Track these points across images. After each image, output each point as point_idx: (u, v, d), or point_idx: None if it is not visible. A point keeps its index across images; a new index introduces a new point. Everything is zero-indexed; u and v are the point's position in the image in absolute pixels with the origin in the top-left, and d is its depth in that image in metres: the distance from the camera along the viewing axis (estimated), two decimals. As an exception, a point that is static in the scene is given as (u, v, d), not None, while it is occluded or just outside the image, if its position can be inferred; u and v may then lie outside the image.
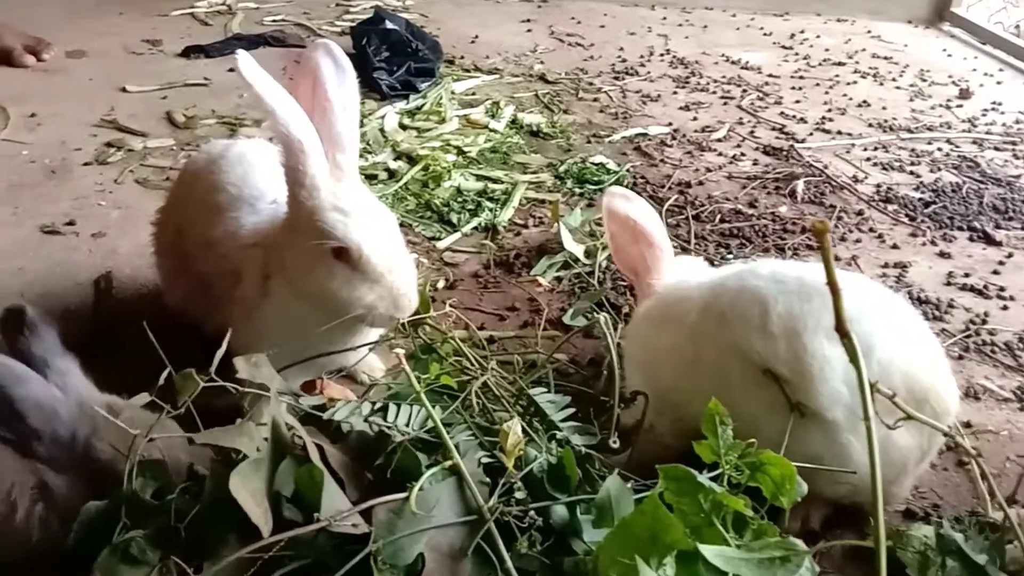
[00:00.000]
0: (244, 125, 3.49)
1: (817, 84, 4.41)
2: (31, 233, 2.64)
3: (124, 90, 3.81)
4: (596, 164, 3.28)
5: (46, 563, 1.32)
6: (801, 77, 4.51)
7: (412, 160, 3.22)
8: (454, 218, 2.84)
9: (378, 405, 1.42)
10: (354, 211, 1.67)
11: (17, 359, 1.42)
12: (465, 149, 3.35)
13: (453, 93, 3.95)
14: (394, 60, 3.96)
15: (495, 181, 3.13)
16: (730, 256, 2.64)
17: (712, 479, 1.24)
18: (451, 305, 2.01)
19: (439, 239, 2.73)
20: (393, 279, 1.68)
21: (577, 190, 3.11)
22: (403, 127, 3.57)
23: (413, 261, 1.82)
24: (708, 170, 3.33)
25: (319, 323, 1.70)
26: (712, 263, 2.35)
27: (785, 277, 1.58)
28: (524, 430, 1.38)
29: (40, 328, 1.48)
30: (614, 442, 1.49)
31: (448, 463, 1.28)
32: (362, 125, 3.43)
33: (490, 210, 2.91)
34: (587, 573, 1.21)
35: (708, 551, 0.97)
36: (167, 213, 2.12)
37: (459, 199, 2.96)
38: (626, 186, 3.11)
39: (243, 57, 1.60)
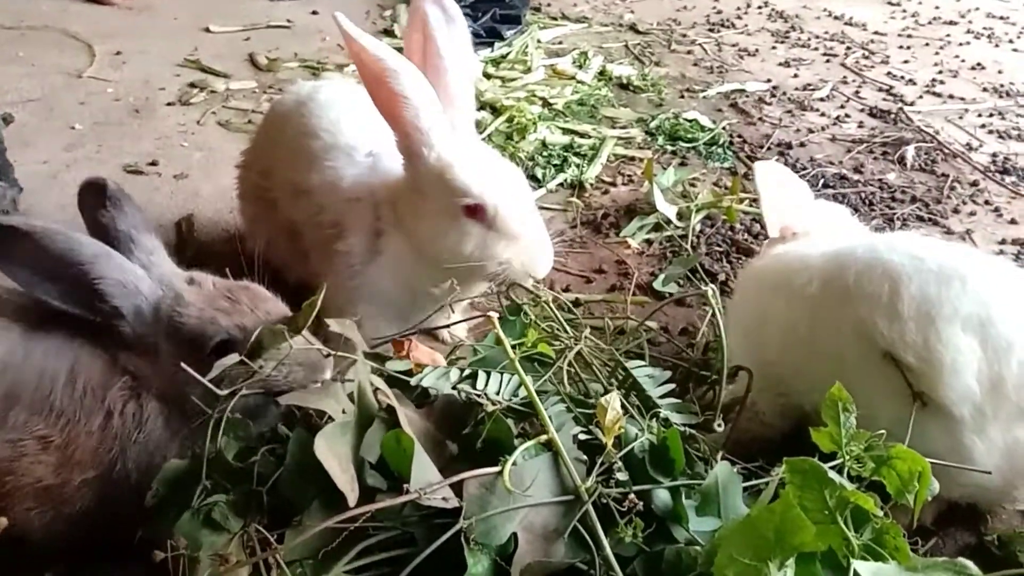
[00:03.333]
0: (327, 69, 3.42)
1: (927, 44, 4.13)
2: (114, 172, 2.63)
3: (208, 30, 3.79)
4: (689, 120, 3.12)
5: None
6: (909, 36, 4.23)
7: (496, 111, 3.10)
8: (539, 173, 2.73)
9: (467, 372, 1.33)
10: (484, 168, 1.62)
11: (100, 234, 1.33)
12: (551, 101, 3.22)
13: (539, 42, 3.81)
14: (479, 6, 3.83)
15: (582, 135, 2.99)
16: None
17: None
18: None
19: (524, 194, 2.62)
20: (529, 236, 1.63)
21: (669, 148, 2.95)
22: (487, 76, 3.45)
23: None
24: (810, 131, 3.14)
25: (436, 281, 1.63)
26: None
27: (925, 254, 1.41)
28: (622, 405, 1.28)
29: (124, 203, 1.38)
30: (719, 425, 1.37)
31: (543, 437, 1.19)
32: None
33: (577, 166, 2.78)
34: (690, 565, 1.11)
35: (864, 568, 0.86)
36: (252, 156, 2.06)
37: (544, 153, 2.85)
38: (722, 145, 2.96)
39: (344, 20, 1.53)
